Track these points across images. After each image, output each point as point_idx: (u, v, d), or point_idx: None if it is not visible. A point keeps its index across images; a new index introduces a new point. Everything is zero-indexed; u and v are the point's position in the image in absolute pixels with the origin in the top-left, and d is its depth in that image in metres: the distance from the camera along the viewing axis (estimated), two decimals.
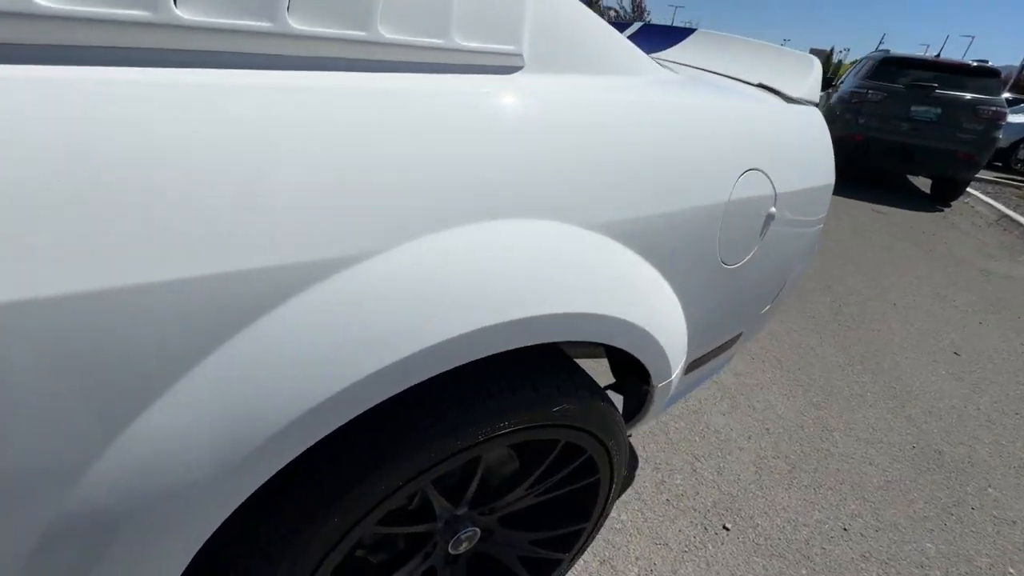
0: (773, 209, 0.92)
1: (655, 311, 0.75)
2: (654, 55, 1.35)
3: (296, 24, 0.46)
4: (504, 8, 0.60)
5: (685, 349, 0.91)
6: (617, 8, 24.95)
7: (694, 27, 1.51)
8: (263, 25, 0.45)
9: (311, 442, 0.49)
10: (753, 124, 0.88)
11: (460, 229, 0.53)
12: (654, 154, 0.71)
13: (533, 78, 0.64)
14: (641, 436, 1.60)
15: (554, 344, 0.84)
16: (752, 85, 1.05)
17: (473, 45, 0.58)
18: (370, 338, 0.49)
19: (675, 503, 1.39)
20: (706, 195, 0.78)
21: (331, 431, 0.50)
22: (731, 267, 0.91)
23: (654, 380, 0.86)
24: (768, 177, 0.89)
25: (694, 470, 1.51)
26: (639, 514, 1.34)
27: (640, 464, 1.50)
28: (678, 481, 1.46)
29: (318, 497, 0.57)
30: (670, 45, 1.44)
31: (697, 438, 1.64)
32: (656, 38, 1.53)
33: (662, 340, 0.78)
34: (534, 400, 0.68)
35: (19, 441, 0.37)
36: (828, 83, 9.64)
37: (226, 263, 0.41)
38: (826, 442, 1.71)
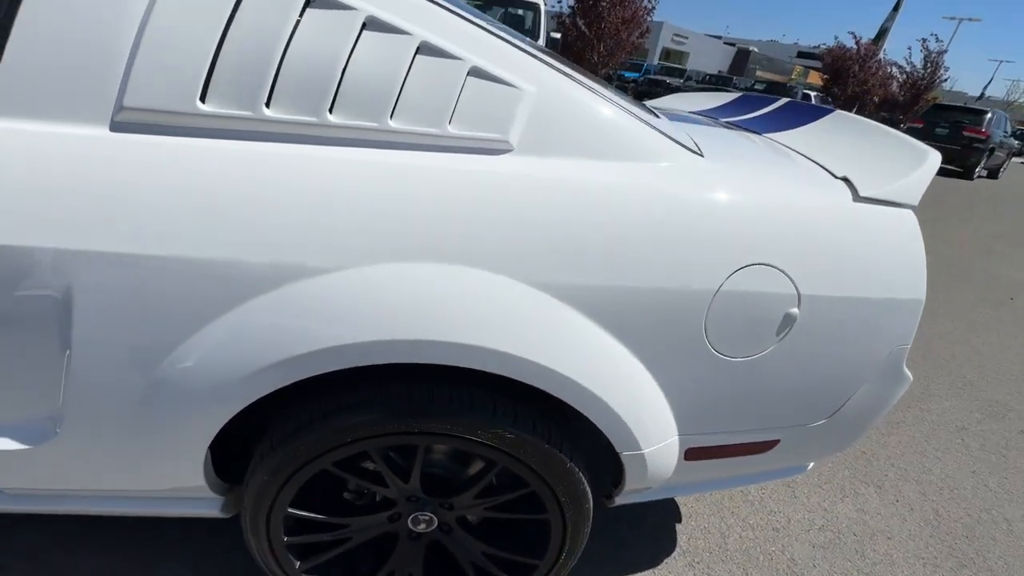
0: (795, 311, 0.86)
1: (600, 370, 0.81)
2: (780, 132, 1.32)
3: (334, 119, 0.74)
4: (495, 106, 0.78)
5: (667, 428, 0.91)
6: (905, 64, 21.18)
7: (831, 108, 1.39)
8: (310, 119, 0.73)
9: (278, 385, 0.74)
10: (776, 219, 0.85)
11: (404, 265, 0.73)
12: (617, 233, 0.79)
13: (518, 159, 0.80)
14: (690, 529, 1.48)
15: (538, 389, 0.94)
16: (836, 176, 0.97)
17: (463, 133, 0.78)
18: (327, 323, 0.72)
19: None
20: (682, 279, 0.81)
21: (300, 379, 0.75)
22: (732, 359, 0.87)
23: (616, 445, 0.89)
24: (787, 275, 0.84)
25: None
26: None
27: (674, 553, 1.40)
28: None
29: (297, 424, 0.82)
30: (804, 123, 1.37)
31: (761, 556, 1.43)
32: (794, 114, 1.47)
33: (611, 401, 0.82)
34: (467, 415, 0.81)
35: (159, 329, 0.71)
36: None
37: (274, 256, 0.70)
38: None
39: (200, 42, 0.69)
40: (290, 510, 0.90)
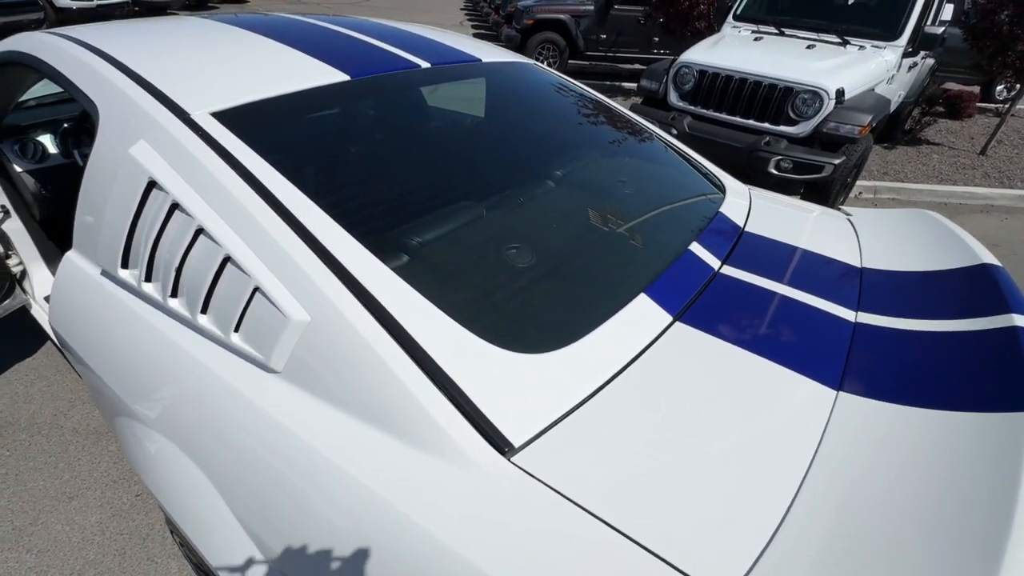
0: None
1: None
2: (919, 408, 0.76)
3: (171, 302, 0.91)
4: (265, 327, 0.80)
5: None
6: None
7: None
8: (158, 299, 0.92)
9: None
10: None
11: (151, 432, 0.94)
12: (304, 515, 0.73)
13: (278, 382, 0.80)
14: None
15: None
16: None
17: (241, 344, 0.83)
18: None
19: None
20: None
21: None
22: None
23: None
24: None
25: None
26: None
27: None
28: None
29: None
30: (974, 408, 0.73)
31: None
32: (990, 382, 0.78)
33: None
34: None
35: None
36: None
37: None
38: None
39: (118, 232, 0.96)
40: None
